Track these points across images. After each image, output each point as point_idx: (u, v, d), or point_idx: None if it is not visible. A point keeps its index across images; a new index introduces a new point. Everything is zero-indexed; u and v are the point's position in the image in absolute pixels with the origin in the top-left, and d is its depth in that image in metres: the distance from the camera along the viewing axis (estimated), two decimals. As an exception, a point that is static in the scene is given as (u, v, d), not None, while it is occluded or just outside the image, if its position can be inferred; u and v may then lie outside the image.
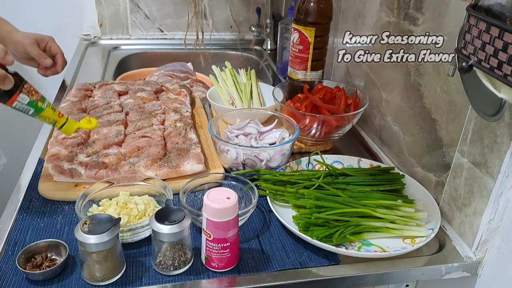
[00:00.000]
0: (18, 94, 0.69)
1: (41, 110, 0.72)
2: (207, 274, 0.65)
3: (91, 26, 1.68)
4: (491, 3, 0.54)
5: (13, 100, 0.69)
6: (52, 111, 0.74)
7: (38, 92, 0.72)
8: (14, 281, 0.62)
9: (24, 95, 0.69)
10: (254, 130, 0.95)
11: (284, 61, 1.43)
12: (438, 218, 0.74)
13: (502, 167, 0.64)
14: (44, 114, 0.73)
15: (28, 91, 0.70)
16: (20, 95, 0.69)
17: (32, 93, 0.71)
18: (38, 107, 0.72)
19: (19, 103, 0.69)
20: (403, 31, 0.89)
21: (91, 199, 0.74)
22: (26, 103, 0.70)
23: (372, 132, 1.06)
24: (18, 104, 0.70)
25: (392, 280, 0.69)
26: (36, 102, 0.71)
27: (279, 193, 0.79)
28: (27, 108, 0.71)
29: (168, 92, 1.15)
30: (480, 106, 0.63)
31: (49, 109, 0.74)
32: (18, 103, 0.69)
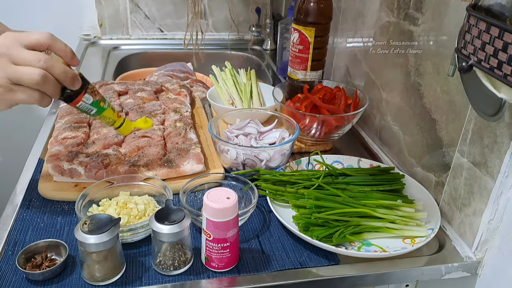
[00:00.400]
0: (83, 94, 0.69)
1: (103, 109, 0.73)
2: (207, 274, 0.65)
3: (91, 26, 1.68)
4: (491, 3, 0.54)
5: (79, 100, 0.69)
6: (112, 111, 0.75)
7: (99, 93, 0.73)
8: (14, 281, 0.62)
9: (89, 95, 0.70)
10: (254, 130, 0.95)
11: (284, 61, 1.43)
12: (438, 218, 0.74)
13: (502, 167, 0.64)
14: (105, 114, 0.74)
15: (92, 91, 0.71)
16: (85, 95, 0.70)
17: (95, 93, 0.72)
18: (100, 107, 0.73)
19: (83, 103, 0.70)
20: (403, 31, 0.89)
21: (91, 199, 0.74)
22: (90, 102, 0.71)
23: (372, 132, 1.06)
24: (82, 104, 0.70)
25: (392, 280, 0.69)
26: (99, 102, 0.72)
27: (279, 193, 0.79)
28: (90, 108, 0.71)
29: (168, 92, 1.15)
30: (480, 106, 0.63)
31: (110, 109, 0.75)
32: (82, 103, 0.70)
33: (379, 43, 0.99)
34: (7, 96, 0.62)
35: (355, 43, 1.13)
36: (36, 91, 0.62)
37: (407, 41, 0.87)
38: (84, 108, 0.71)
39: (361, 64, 1.09)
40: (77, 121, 0.95)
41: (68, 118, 0.96)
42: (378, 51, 1.00)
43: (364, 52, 1.07)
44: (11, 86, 0.61)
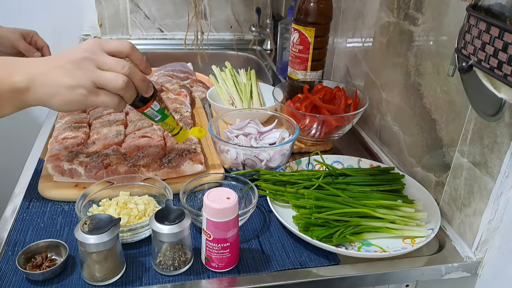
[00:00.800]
0: (153, 101, 0.72)
1: (166, 117, 0.76)
2: (207, 274, 0.65)
3: (91, 26, 1.68)
4: (491, 3, 0.54)
5: (148, 106, 0.72)
6: (173, 119, 0.78)
7: (164, 101, 0.76)
8: (14, 281, 0.62)
9: (157, 102, 0.73)
10: (254, 130, 0.95)
11: (284, 61, 1.43)
12: (438, 218, 0.74)
13: (502, 167, 0.64)
14: (167, 121, 0.77)
15: (159, 99, 0.74)
16: (154, 102, 0.73)
17: (161, 101, 0.75)
18: (164, 114, 0.75)
19: (151, 109, 0.73)
20: (403, 31, 0.89)
21: (91, 199, 0.74)
22: (157, 109, 0.74)
23: (372, 132, 1.06)
24: (150, 110, 0.73)
25: (392, 280, 0.69)
26: (164, 110, 0.75)
27: (279, 193, 0.79)
28: (156, 114, 0.74)
29: (168, 92, 1.15)
30: (480, 106, 0.63)
31: (171, 117, 0.77)
32: (150, 109, 0.73)
33: (379, 43, 0.99)
34: (90, 98, 0.65)
35: (355, 43, 1.13)
36: (116, 96, 0.66)
37: (407, 41, 0.87)
38: (150, 114, 0.74)
39: (361, 64, 1.09)
40: (77, 121, 0.95)
41: (68, 118, 0.96)
42: (378, 51, 1.00)
43: (364, 52, 1.07)
44: (95, 89, 0.64)
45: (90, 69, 0.64)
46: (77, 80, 0.63)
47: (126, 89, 0.65)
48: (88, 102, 0.65)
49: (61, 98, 0.64)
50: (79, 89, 0.63)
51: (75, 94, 0.64)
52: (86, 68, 0.63)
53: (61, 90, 0.63)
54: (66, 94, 0.64)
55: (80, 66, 0.63)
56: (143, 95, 0.70)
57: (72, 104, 0.65)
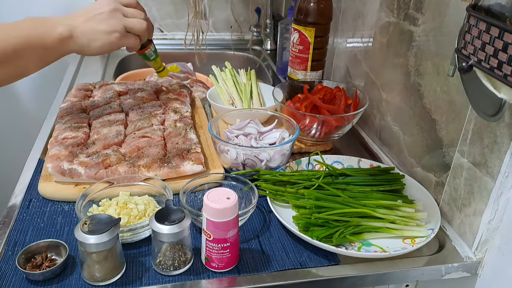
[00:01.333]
0: (152, 43, 0.94)
1: (157, 57, 0.97)
2: (207, 274, 0.65)
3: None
4: (491, 3, 0.54)
5: (148, 48, 0.94)
6: (160, 60, 0.99)
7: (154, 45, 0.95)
8: (14, 281, 0.62)
9: (152, 45, 0.94)
10: (254, 130, 0.95)
11: (284, 61, 1.43)
12: (438, 218, 0.74)
13: (502, 167, 0.64)
14: (158, 60, 0.98)
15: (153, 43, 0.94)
16: (152, 44, 0.94)
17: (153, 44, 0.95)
18: (156, 55, 0.97)
19: (150, 50, 0.94)
20: (403, 31, 0.89)
21: (91, 199, 0.74)
22: (153, 50, 0.95)
23: (372, 132, 1.06)
24: (149, 51, 0.95)
25: (392, 280, 0.69)
26: (156, 51, 0.96)
27: (279, 193, 0.79)
28: (152, 54, 0.96)
29: (168, 92, 1.15)
30: (480, 106, 0.63)
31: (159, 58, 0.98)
32: (149, 50, 0.94)
33: (379, 43, 0.99)
34: (122, 40, 0.83)
35: (355, 43, 1.13)
36: (138, 37, 0.86)
37: (407, 41, 0.87)
38: (148, 55, 0.95)
39: (361, 64, 1.09)
40: (77, 121, 0.95)
41: (68, 118, 0.96)
42: (378, 51, 1.00)
43: (364, 52, 1.07)
44: (125, 33, 0.83)
45: (120, 18, 0.82)
46: (113, 26, 0.80)
47: (145, 31, 0.85)
48: (120, 44, 0.83)
49: (100, 42, 0.80)
50: (115, 33, 0.81)
51: (112, 37, 0.81)
52: (117, 17, 0.81)
53: (100, 35, 0.80)
54: (104, 38, 0.80)
55: (112, 16, 0.81)
56: (149, 37, 0.90)
57: (108, 46, 0.81)
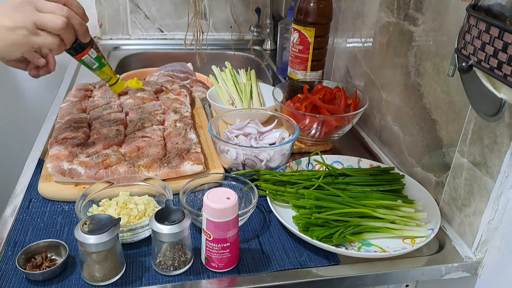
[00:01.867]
0: (89, 48, 0.76)
1: (103, 65, 0.80)
2: (207, 274, 0.65)
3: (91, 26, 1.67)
4: (491, 3, 0.54)
5: (85, 53, 0.76)
6: (110, 69, 0.81)
7: (100, 50, 0.79)
8: (14, 281, 0.62)
9: (93, 50, 0.77)
10: (254, 130, 0.95)
11: (284, 61, 1.43)
12: (438, 218, 0.74)
13: (502, 167, 0.64)
14: (104, 70, 0.80)
15: (96, 47, 0.78)
16: (91, 49, 0.77)
17: (98, 50, 0.78)
18: (101, 63, 0.79)
19: (88, 56, 0.77)
20: (403, 31, 0.89)
21: (91, 199, 0.74)
22: (94, 57, 0.78)
23: (372, 132, 1.06)
24: (87, 57, 0.77)
25: (392, 280, 0.69)
26: (101, 58, 0.79)
27: (279, 193, 0.79)
28: (93, 62, 0.78)
29: (168, 92, 1.15)
30: (480, 106, 0.63)
31: (108, 66, 0.81)
32: (88, 56, 0.77)
33: (379, 43, 0.99)
34: (32, 39, 0.68)
35: (355, 43, 1.13)
36: (56, 37, 0.69)
37: (407, 41, 0.87)
38: (88, 62, 0.78)
39: (361, 64, 1.09)
40: (77, 121, 0.95)
41: (68, 119, 0.96)
42: (378, 51, 1.00)
43: (364, 52, 1.07)
44: (36, 30, 0.67)
45: (30, 11, 0.67)
46: (17, 21, 0.66)
47: (66, 29, 0.69)
48: (30, 43, 0.68)
49: (3, 40, 0.67)
50: (20, 30, 0.66)
51: (16, 35, 0.66)
52: (26, 10, 0.67)
53: (1, 33, 0.66)
54: (7, 35, 0.66)
55: (19, 9, 0.67)
56: (81, 40, 0.74)
57: (14, 46, 0.67)
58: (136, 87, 0.89)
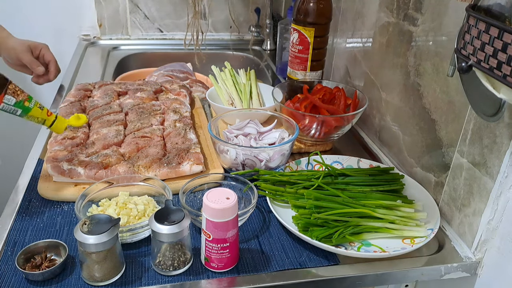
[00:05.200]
0: (3, 96, 0.67)
1: (28, 110, 0.70)
2: (206, 275, 0.65)
3: (90, 26, 1.68)
4: (490, 3, 0.54)
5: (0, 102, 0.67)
6: (40, 110, 0.72)
7: (24, 92, 0.70)
8: (14, 281, 0.62)
9: (10, 96, 0.67)
10: (254, 131, 0.95)
11: (284, 61, 1.43)
12: (437, 219, 0.74)
13: (501, 167, 0.64)
14: (32, 114, 0.71)
15: (14, 92, 0.68)
16: (6, 96, 0.67)
17: (18, 93, 0.68)
18: (25, 107, 0.70)
19: (5, 104, 0.68)
20: (402, 32, 0.89)
21: (91, 199, 0.74)
22: (13, 104, 0.68)
23: (372, 133, 1.06)
24: (4, 105, 0.68)
25: (392, 280, 0.69)
26: (23, 102, 0.69)
27: (278, 194, 0.79)
28: (14, 109, 0.69)
29: (168, 92, 1.15)
30: (480, 107, 0.63)
31: (37, 108, 0.72)
32: (4, 104, 0.68)
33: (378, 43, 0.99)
34: None
35: (354, 44, 1.13)
36: None
37: (407, 42, 0.87)
38: (7, 110, 0.69)
39: (360, 64, 1.09)
40: (77, 121, 0.95)
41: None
42: (378, 51, 1.00)
43: (364, 52, 1.07)
44: None
45: None
46: None
47: None
48: None
49: None
50: None
51: None
52: None
53: None
54: None
55: None
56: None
57: None
58: (78, 124, 0.79)
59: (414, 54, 0.85)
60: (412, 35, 0.85)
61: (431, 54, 0.80)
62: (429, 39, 0.80)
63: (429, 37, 0.80)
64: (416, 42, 0.84)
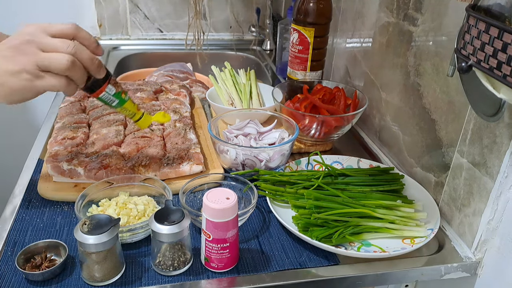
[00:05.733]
0: (107, 85, 0.70)
1: (124, 101, 0.74)
2: (206, 275, 0.65)
3: (90, 27, 1.68)
4: (490, 3, 0.54)
5: (102, 90, 0.70)
6: (133, 104, 0.76)
7: (121, 85, 0.73)
8: (14, 281, 0.62)
9: (112, 86, 0.70)
10: (254, 131, 0.95)
11: (284, 62, 1.43)
12: (437, 219, 0.74)
13: (501, 167, 0.64)
14: (126, 106, 0.74)
15: (114, 83, 0.71)
16: (109, 85, 0.70)
17: (117, 85, 0.72)
18: (122, 99, 0.73)
19: (106, 93, 0.70)
20: (402, 32, 0.89)
21: (91, 200, 0.74)
22: (113, 94, 0.71)
23: (372, 133, 1.06)
24: (105, 94, 0.70)
25: (392, 280, 0.69)
26: (121, 94, 0.72)
27: (278, 194, 0.79)
28: (112, 99, 0.72)
29: (168, 92, 1.15)
30: (480, 107, 0.63)
31: (130, 102, 0.75)
32: (105, 93, 0.70)
33: (378, 43, 0.99)
34: (36, 83, 0.61)
35: (354, 44, 1.13)
36: (64, 78, 0.62)
37: (407, 42, 0.87)
38: (106, 99, 0.71)
39: (360, 64, 1.09)
40: (77, 122, 0.95)
41: (68, 119, 0.96)
42: (378, 51, 1.00)
43: (364, 52, 1.07)
44: (39, 73, 0.61)
45: (33, 52, 0.60)
46: (20, 64, 0.60)
47: (72, 68, 0.62)
48: (35, 87, 0.61)
49: (7, 86, 0.60)
50: (23, 74, 0.60)
51: (19, 80, 0.60)
52: (28, 52, 0.60)
53: (5, 78, 0.60)
54: (11, 81, 0.60)
55: (22, 50, 0.60)
56: (95, 76, 0.67)
57: (19, 92, 0.61)
58: (164, 121, 0.84)
59: (414, 54, 0.85)
60: (412, 35, 0.85)
61: (431, 54, 0.80)
62: (429, 39, 0.80)
63: (429, 37, 0.80)
64: (416, 42, 0.84)
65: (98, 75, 0.67)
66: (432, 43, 0.79)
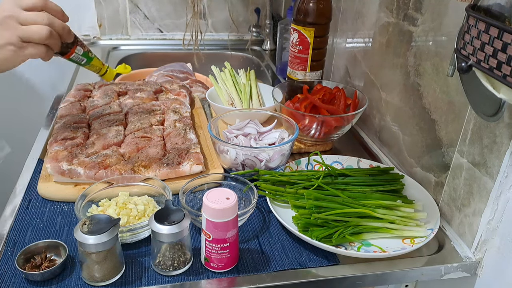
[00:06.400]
0: (76, 47, 0.80)
1: (91, 59, 0.84)
2: (206, 275, 0.65)
3: (90, 27, 1.68)
4: (490, 3, 0.54)
5: (72, 52, 0.81)
6: (98, 60, 0.85)
7: (86, 45, 0.83)
8: (13, 281, 0.62)
9: (79, 47, 0.81)
10: (254, 131, 0.95)
11: (284, 62, 1.43)
12: (437, 219, 0.74)
13: (501, 167, 0.64)
14: (93, 63, 0.85)
15: (81, 44, 0.81)
16: (77, 47, 0.81)
17: (83, 46, 0.82)
18: (89, 57, 0.84)
19: (76, 54, 0.81)
20: (402, 32, 0.89)
21: (91, 200, 0.74)
22: (81, 53, 0.82)
23: (372, 133, 1.06)
24: (75, 55, 0.81)
25: (392, 280, 0.69)
26: (88, 53, 0.83)
27: (278, 194, 0.79)
28: (81, 58, 0.83)
29: (168, 92, 1.15)
30: (480, 107, 0.63)
31: (96, 58, 0.85)
32: (75, 54, 0.81)
33: (378, 44, 0.99)
34: (20, 53, 0.70)
35: (354, 44, 1.13)
36: (43, 46, 0.72)
37: (407, 42, 0.87)
38: (76, 59, 0.82)
39: (360, 64, 1.09)
40: (77, 122, 0.95)
41: (68, 119, 0.96)
42: (378, 51, 1.00)
43: (364, 53, 1.07)
44: (22, 44, 0.70)
45: (14, 27, 0.69)
46: (4, 38, 0.69)
47: (50, 37, 0.71)
48: (19, 57, 0.71)
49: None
50: (8, 46, 0.69)
51: (6, 51, 0.69)
52: (10, 26, 0.69)
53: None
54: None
55: (4, 25, 0.69)
56: (66, 41, 0.76)
57: (5, 62, 0.70)
58: (125, 72, 0.98)
59: (414, 54, 0.85)
60: (412, 35, 0.85)
61: (431, 54, 0.80)
62: (429, 39, 0.80)
63: (429, 37, 0.80)
64: (416, 42, 0.84)
65: (69, 39, 0.77)
66: (432, 43, 0.79)
